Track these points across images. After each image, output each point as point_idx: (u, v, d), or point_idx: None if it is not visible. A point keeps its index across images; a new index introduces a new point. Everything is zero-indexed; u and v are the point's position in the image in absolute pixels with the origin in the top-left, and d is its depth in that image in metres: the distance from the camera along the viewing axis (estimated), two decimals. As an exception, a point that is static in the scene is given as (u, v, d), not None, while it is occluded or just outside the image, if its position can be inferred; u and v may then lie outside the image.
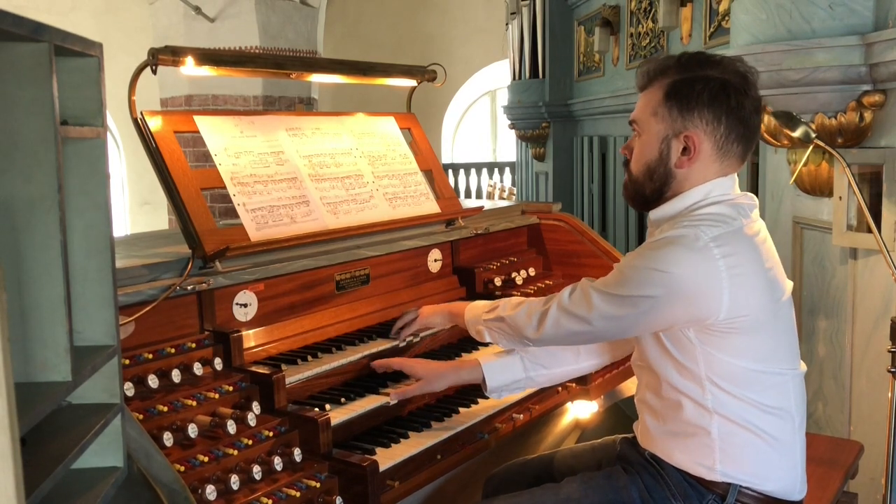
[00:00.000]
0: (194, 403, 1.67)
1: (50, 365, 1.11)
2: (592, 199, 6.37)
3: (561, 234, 2.96)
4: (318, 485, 1.63)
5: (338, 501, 1.63)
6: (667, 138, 1.71)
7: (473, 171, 11.34)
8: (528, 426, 2.27)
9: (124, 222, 10.42)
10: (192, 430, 1.61)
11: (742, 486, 1.69)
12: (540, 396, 2.25)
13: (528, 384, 2.05)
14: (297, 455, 1.69)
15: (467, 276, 2.61)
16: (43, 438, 1.12)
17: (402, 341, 2.18)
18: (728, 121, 1.67)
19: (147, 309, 1.71)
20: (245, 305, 1.98)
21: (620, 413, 2.90)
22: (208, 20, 6.83)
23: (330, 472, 1.69)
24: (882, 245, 2.17)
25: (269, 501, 1.56)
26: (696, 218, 1.67)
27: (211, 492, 1.50)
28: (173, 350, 1.75)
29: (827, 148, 2.25)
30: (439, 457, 1.94)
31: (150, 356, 1.70)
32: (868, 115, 2.52)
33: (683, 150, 1.70)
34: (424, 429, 1.97)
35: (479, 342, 2.19)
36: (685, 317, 1.63)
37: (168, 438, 1.56)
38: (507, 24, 7.85)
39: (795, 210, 2.95)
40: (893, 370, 2.15)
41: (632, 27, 5.43)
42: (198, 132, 2.10)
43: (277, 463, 1.64)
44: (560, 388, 2.31)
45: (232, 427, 1.65)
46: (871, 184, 2.54)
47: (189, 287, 1.82)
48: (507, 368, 2.01)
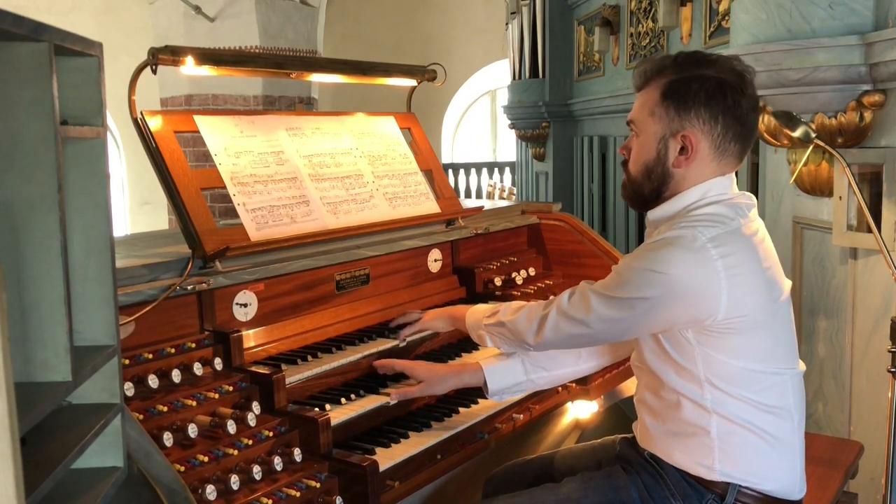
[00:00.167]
0: (194, 403, 1.67)
1: (50, 365, 1.11)
2: (592, 199, 6.37)
3: (561, 234, 2.96)
4: (318, 485, 1.63)
5: (338, 501, 1.63)
6: (664, 138, 1.71)
7: (473, 171, 11.34)
8: (528, 426, 2.27)
9: (124, 222, 10.42)
10: (192, 430, 1.61)
11: (741, 486, 1.69)
12: (540, 396, 2.25)
13: (528, 386, 2.05)
14: (297, 455, 1.69)
15: (467, 276, 2.61)
16: (43, 438, 1.12)
17: (402, 341, 2.18)
18: (725, 120, 1.67)
19: (147, 309, 1.71)
20: (245, 305, 1.98)
21: (620, 413, 2.90)
22: (208, 20, 6.83)
23: (330, 472, 1.69)
24: (882, 245, 2.17)
25: (269, 501, 1.56)
26: (693, 218, 1.67)
27: (211, 492, 1.50)
28: (173, 350, 1.75)
29: (827, 148, 2.25)
30: (439, 457, 1.94)
31: (150, 356, 1.70)
32: (868, 115, 2.52)
33: (681, 149, 1.70)
34: (424, 429, 1.97)
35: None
36: (684, 317, 1.63)
37: (168, 438, 1.56)
38: (507, 23, 7.86)
39: (795, 210, 2.95)
40: (893, 370, 2.15)
41: (632, 27, 5.43)
42: (198, 132, 2.10)
43: (277, 463, 1.64)
44: (560, 389, 2.31)
45: (232, 427, 1.65)
46: (871, 184, 2.54)
47: (189, 287, 1.82)
48: (508, 371, 2.01)
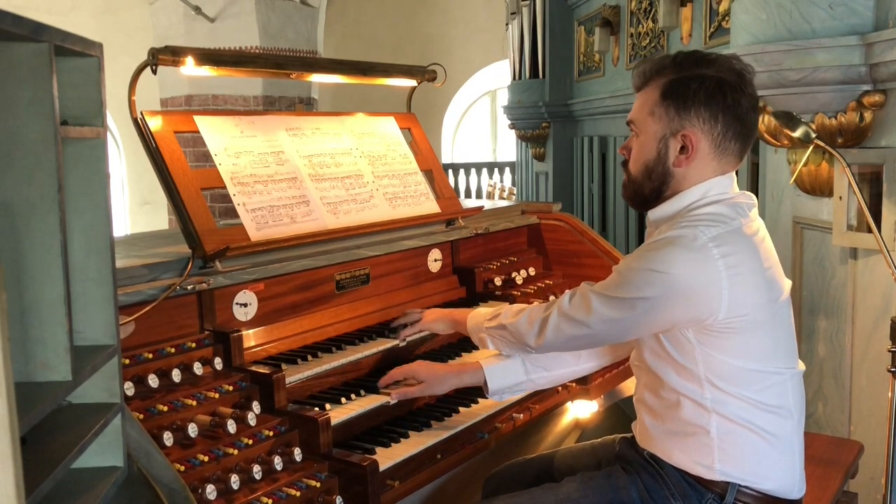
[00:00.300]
0: (194, 403, 1.67)
1: (50, 365, 1.11)
2: (592, 199, 6.37)
3: (561, 234, 2.96)
4: (318, 484, 1.63)
5: (338, 501, 1.64)
6: (664, 138, 1.71)
7: (473, 171, 11.33)
8: (528, 426, 2.27)
9: (124, 222, 10.42)
10: (192, 430, 1.61)
11: (741, 486, 1.69)
12: (540, 396, 2.25)
13: (529, 386, 2.05)
14: (297, 455, 1.69)
15: (467, 276, 2.61)
16: (43, 438, 1.12)
17: (403, 341, 2.18)
18: (725, 119, 1.67)
19: (147, 309, 1.71)
20: (245, 305, 1.98)
21: (620, 413, 2.90)
22: (208, 20, 6.83)
23: (330, 472, 1.69)
24: (882, 245, 2.17)
25: (270, 501, 1.56)
26: (694, 218, 1.67)
27: (211, 491, 1.51)
28: (173, 350, 1.75)
29: (827, 148, 2.25)
30: (439, 456, 1.94)
31: (151, 356, 1.70)
32: (868, 115, 2.52)
33: (681, 148, 1.70)
34: (424, 428, 1.97)
35: (479, 343, 2.20)
36: (685, 317, 1.63)
37: (168, 438, 1.56)
38: (507, 24, 7.85)
39: (795, 210, 2.95)
40: (893, 370, 2.15)
41: (632, 27, 5.43)
42: (198, 132, 2.10)
43: (277, 462, 1.64)
44: (560, 388, 2.31)
45: (232, 427, 1.65)
46: (871, 184, 2.54)
47: (189, 287, 1.82)
48: (508, 371, 2.01)
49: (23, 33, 1.00)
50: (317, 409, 1.83)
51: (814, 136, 2.24)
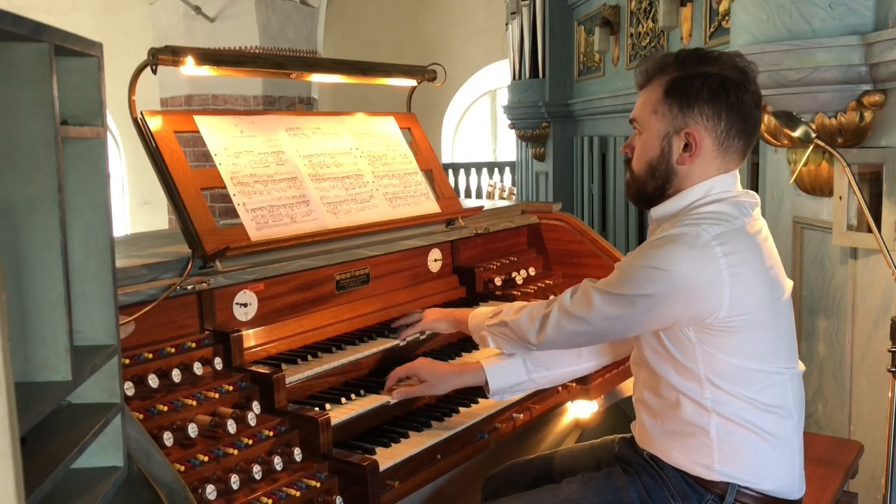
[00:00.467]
0: (194, 403, 1.67)
1: (50, 365, 1.11)
2: (592, 199, 6.37)
3: (561, 234, 2.96)
4: (318, 484, 1.63)
5: (338, 501, 1.64)
6: (668, 135, 1.71)
7: (473, 170, 11.33)
8: (528, 426, 2.27)
9: (124, 222, 10.42)
10: (192, 430, 1.61)
11: (741, 486, 1.69)
12: (540, 396, 2.25)
13: (530, 386, 2.05)
14: (297, 455, 1.69)
15: (467, 276, 2.61)
16: (43, 438, 1.12)
17: (403, 340, 2.18)
18: (728, 116, 1.67)
19: (147, 309, 1.71)
20: (245, 305, 1.98)
21: (620, 413, 2.90)
22: (208, 20, 6.83)
23: (330, 472, 1.69)
24: (882, 245, 2.17)
25: (270, 501, 1.56)
26: (697, 216, 1.67)
27: (211, 491, 1.51)
28: (173, 350, 1.75)
29: (827, 148, 2.25)
30: (439, 456, 1.94)
31: (150, 356, 1.70)
32: (868, 115, 2.52)
33: (685, 146, 1.70)
34: (425, 428, 1.97)
35: (479, 343, 2.20)
36: (686, 315, 1.63)
37: (168, 438, 1.56)
38: (507, 24, 7.86)
39: (795, 210, 2.95)
40: (893, 370, 2.16)
41: (632, 27, 5.43)
42: (198, 132, 2.10)
43: (277, 462, 1.64)
44: (560, 388, 2.31)
45: (232, 427, 1.65)
46: (871, 184, 2.54)
47: (189, 287, 1.82)
48: (509, 371, 2.01)
49: (23, 33, 1.00)
50: (317, 409, 1.83)
51: (814, 135, 2.24)
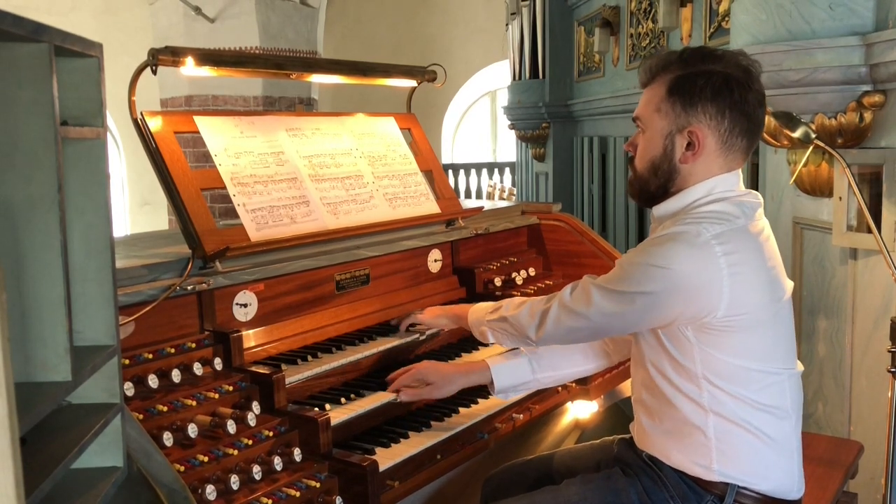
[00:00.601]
0: (194, 403, 1.67)
1: (50, 365, 1.11)
2: (592, 199, 6.37)
3: (561, 235, 2.96)
4: (318, 485, 1.63)
5: (338, 501, 1.64)
6: (671, 134, 1.71)
7: (473, 171, 11.33)
8: (528, 426, 2.27)
9: (124, 222, 10.42)
10: (192, 430, 1.61)
11: (740, 486, 1.69)
12: (540, 396, 2.25)
13: (535, 385, 2.06)
14: (297, 455, 1.69)
15: (467, 277, 2.61)
16: (43, 438, 1.12)
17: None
18: (732, 115, 1.67)
19: (147, 309, 1.71)
20: (245, 305, 1.98)
21: (620, 413, 2.90)
22: (208, 20, 6.83)
23: (330, 472, 1.69)
24: (882, 245, 2.17)
25: (269, 501, 1.56)
26: (698, 215, 1.67)
27: (211, 492, 1.51)
28: (173, 350, 1.75)
29: (827, 148, 2.25)
30: (439, 457, 1.94)
31: (150, 356, 1.70)
32: (868, 116, 2.52)
33: (688, 145, 1.70)
34: (424, 429, 1.97)
35: (479, 342, 2.20)
36: (685, 313, 1.63)
37: (168, 438, 1.56)
38: (507, 24, 7.85)
39: (795, 210, 2.95)
40: (893, 370, 2.16)
41: (632, 27, 5.43)
42: (198, 132, 2.10)
43: (277, 463, 1.64)
44: (560, 388, 2.31)
45: (232, 427, 1.65)
46: (871, 184, 2.54)
47: (189, 287, 1.82)
48: (515, 370, 2.01)
49: (23, 33, 1.00)
50: (317, 409, 1.83)
51: (814, 136, 2.24)
